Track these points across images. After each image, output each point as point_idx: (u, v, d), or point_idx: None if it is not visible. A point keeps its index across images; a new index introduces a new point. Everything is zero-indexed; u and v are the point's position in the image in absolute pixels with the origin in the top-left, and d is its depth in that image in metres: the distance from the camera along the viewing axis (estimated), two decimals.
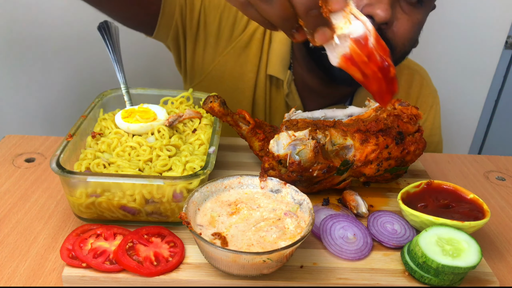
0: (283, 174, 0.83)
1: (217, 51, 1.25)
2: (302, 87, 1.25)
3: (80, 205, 0.75)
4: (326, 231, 0.77)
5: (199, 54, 1.26)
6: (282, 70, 1.22)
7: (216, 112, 0.89)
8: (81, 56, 1.83)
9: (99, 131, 0.90)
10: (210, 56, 1.26)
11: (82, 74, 1.85)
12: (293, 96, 1.25)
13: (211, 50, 1.25)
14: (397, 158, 0.86)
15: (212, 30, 1.23)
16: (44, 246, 0.76)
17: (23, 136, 1.08)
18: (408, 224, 0.80)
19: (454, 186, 0.84)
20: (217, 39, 1.24)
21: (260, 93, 1.27)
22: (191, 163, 0.81)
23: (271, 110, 1.29)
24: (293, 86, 1.24)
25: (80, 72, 1.84)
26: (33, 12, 1.74)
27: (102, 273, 0.67)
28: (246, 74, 1.25)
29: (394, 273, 0.72)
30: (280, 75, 1.22)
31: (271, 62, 1.23)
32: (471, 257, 0.68)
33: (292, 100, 1.25)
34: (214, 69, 1.26)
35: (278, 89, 1.26)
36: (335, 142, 0.84)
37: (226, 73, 1.26)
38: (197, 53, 1.26)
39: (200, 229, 0.68)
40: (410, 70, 1.34)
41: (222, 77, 1.26)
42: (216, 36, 1.24)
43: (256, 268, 0.65)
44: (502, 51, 1.89)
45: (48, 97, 1.88)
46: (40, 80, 1.85)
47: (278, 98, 1.28)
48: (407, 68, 1.34)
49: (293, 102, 1.26)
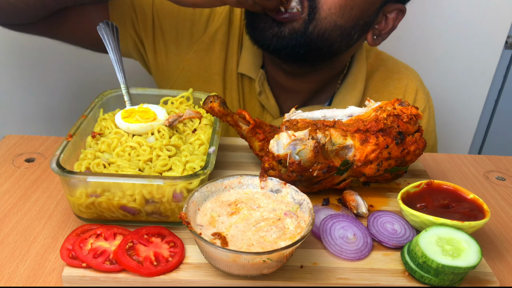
0: (283, 174, 0.83)
1: (180, 56, 1.24)
2: (275, 87, 1.25)
3: (80, 205, 0.75)
4: (326, 231, 0.77)
5: (162, 62, 1.26)
6: (254, 69, 1.22)
7: (216, 112, 0.89)
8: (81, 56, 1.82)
9: (99, 131, 0.90)
10: (174, 63, 1.25)
11: (82, 74, 1.84)
12: (266, 95, 1.24)
13: (174, 57, 1.25)
14: (397, 158, 0.86)
15: (171, 37, 1.23)
16: (44, 246, 0.76)
17: (23, 136, 1.08)
18: (408, 224, 0.80)
19: (454, 186, 0.84)
20: (177, 45, 1.24)
21: (233, 94, 1.26)
22: (191, 163, 0.81)
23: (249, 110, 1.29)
24: (266, 85, 1.23)
25: (80, 72, 1.84)
26: None
27: (102, 273, 0.67)
28: (212, 77, 1.25)
29: (394, 273, 0.72)
30: (251, 73, 1.22)
31: (243, 61, 1.23)
32: (471, 257, 0.68)
33: (265, 99, 1.25)
34: (181, 75, 1.26)
35: (251, 88, 1.26)
36: (335, 142, 0.84)
37: (192, 77, 1.25)
38: (160, 61, 1.26)
39: (200, 229, 0.68)
40: (400, 75, 1.32)
41: (189, 81, 1.26)
42: (176, 41, 1.23)
43: (256, 268, 0.65)
44: (502, 51, 1.89)
45: (48, 97, 1.88)
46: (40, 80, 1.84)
47: (252, 98, 1.27)
48: (397, 73, 1.32)
49: (266, 102, 1.25)
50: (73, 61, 1.83)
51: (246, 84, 1.26)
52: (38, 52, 1.80)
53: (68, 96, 1.88)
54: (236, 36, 1.23)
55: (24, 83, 1.85)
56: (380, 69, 1.32)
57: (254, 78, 1.23)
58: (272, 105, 1.25)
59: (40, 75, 1.84)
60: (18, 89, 1.86)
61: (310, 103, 1.28)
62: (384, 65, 1.33)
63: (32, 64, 1.82)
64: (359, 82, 1.25)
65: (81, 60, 1.82)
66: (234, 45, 1.23)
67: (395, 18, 1.12)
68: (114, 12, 1.19)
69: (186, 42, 1.23)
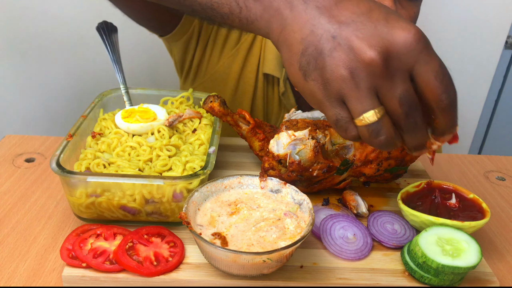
0: (283, 174, 0.83)
1: (223, 52, 1.25)
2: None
3: (80, 205, 0.75)
4: (326, 231, 0.77)
5: (207, 56, 1.26)
6: (278, 68, 1.22)
7: (216, 112, 0.89)
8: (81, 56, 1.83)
9: (99, 131, 0.90)
10: (216, 57, 1.26)
11: (82, 74, 1.85)
12: (288, 95, 1.24)
13: (218, 52, 1.25)
14: (397, 158, 0.86)
15: (223, 32, 1.24)
16: (44, 246, 0.76)
17: (23, 136, 1.08)
18: (408, 224, 0.80)
19: (454, 186, 0.84)
20: (225, 41, 1.24)
21: (259, 93, 1.26)
22: (191, 163, 0.81)
23: (268, 111, 1.29)
24: (288, 84, 1.24)
25: (80, 72, 1.84)
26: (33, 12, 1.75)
27: (102, 273, 0.67)
28: (247, 75, 1.25)
29: (394, 273, 0.72)
30: (276, 73, 1.22)
31: (267, 61, 1.23)
32: (471, 257, 0.68)
33: (287, 99, 1.25)
34: (218, 71, 1.26)
35: (273, 88, 1.26)
36: (335, 142, 0.84)
37: (229, 74, 1.26)
38: (205, 55, 1.26)
39: (200, 229, 0.68)
40: None
41: (224, 78, 1.26)
42: (225, 38, 1.24)
43: (256, 268, 0.65)
44: (502, 51, 1.89)
45: (48, 97, 1.88)
46: (40, 80, 1.85)
47: (274, 98, 1.27)
48: None
49: (287, 101, 1.25)
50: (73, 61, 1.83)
51: (270, 83, 1.26)
52: (38, 52, 1.80)
53: (68, 96, 1.89)
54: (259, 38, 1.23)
55: (24, 83, 1.85)
56: None
57: (279, 77, 1.22)
58: (292, 104, 1.26)
59: (40, 75, 1.84)
60: (18, 89, 1.86)
61: None
62: None
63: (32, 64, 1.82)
64: None
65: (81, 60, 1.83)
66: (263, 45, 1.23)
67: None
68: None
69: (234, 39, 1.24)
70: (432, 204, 0.80)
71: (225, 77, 1.26)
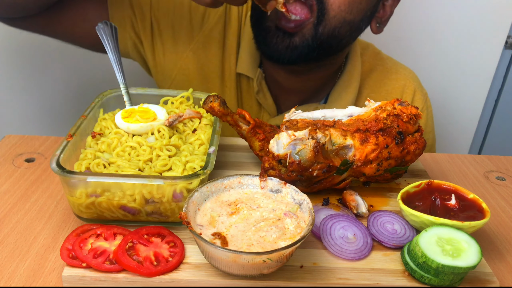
0: (283, 174, 0.83)
1: (177, 55, 1.25)
2: (273, 85, 1.25)
3: (80, 205, 0.75)
4: (326, 231, 0.77)
5: (160, 61, 1.26)
6: (252, 68, 1.22)
7: (216, 112, 0.90)
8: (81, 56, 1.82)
9: (99, 131, 0.90)
10: (172, 61, 1.25)
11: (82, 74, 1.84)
12: (264, 94, 1.25)
13: (171, 55, 1.25)
14: (397, 158, 0.86)
15: (168, 35, 1.23)
16: (44, 246, 0.76)
17: (23, 136, 1.08)
18: (408, 224, 0.80)
19: (454, 186, 0.84)
20: (174, 43, 1.24)
21: (231, 93, 1.26)
22: (191, 163, 0.81)
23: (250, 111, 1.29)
24: (264, 84, 1.24)
25: (80, 72, 1.84)
26: None
27: (102, 273, 0.67)
28: (210, 75, 1.25)
29: (394, 273, 0.72)
30: (249, 73, 1.22)
31: (241, 61, 1.23)
32: (471, 257, 0.68)
33: (263, 98, 1.25)
34: (179, 74, 1.26)
35: (249, 87, 1.26)
36: (335, 142, 0.84)
37: (190, 76, 1.26)
38: (158, 61, 1.26)
39: (200, 229, 0.68)
40: (398, 75, 1.32)
41: (187, 80, 1.26)
42: (173, 40, 1.24)
43: (256, 268, 0.65)
44: (502, 51, 1.89)
45: (48, 97, 1.88)
46: (40, 80, 1.84)
47: (250, 97, 1.27)
48: (395, 73, 1.32)
49: (264, 100, 1.25)
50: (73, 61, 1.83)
51: (244, 83, 1.26)
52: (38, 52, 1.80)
53: (68, 96, 1.88)
54: (234, 36, 1.23)
55: (24, 83, 1.85)
56: (378, 69, 1.32)
57: (253, 78, 1.23)
58: (269, 103, 1.26)
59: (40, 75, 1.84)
60: (18, 89, 1.86)
61: (307, 102, 1.28)
62: (382, 64, 1.33)
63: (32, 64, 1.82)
64: (354, 79, 1.26)
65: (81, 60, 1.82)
66: (232, 45, 1.23)
67: (392, 5, 1.14)
68: (113, 12, 1.19)
69: (183, 40, 1.23)
70: (432, 204, 0.80)
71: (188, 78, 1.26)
